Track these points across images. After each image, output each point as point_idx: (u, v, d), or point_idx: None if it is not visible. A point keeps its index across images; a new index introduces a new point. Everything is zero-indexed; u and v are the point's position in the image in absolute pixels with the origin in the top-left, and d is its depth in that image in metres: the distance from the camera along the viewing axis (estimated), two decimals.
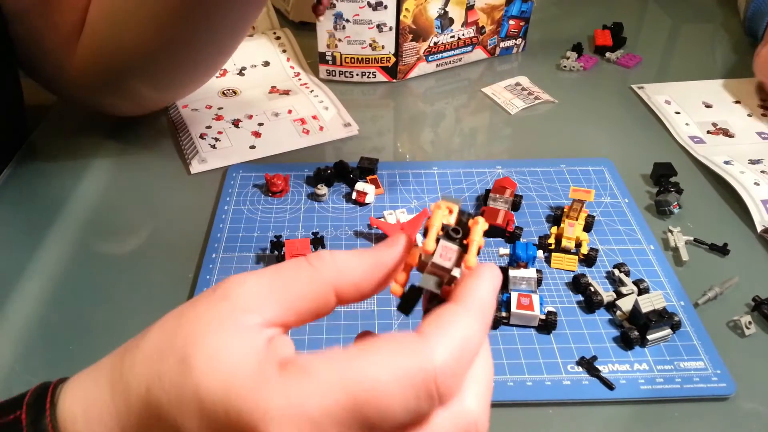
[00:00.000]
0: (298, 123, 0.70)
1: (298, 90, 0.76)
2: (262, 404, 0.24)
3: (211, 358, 0.24)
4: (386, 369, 0.24)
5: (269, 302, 0.27)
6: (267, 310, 0.26)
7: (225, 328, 0.25)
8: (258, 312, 0.26)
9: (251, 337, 0.25)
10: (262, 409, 0.23)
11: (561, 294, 0.51)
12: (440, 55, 0.78)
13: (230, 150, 0.66)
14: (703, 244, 0.55)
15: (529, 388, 0.44)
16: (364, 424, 0.24)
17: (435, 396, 0.24)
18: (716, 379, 0.44)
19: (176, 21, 0.56)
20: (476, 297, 0.27)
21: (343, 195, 0.61)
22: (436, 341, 0.25)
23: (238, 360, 0.24)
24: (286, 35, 0.86)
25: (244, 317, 0.26)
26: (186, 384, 0.24)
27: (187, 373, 0.24)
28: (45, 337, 0.48)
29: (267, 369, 0.24)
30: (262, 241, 0.55)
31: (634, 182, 0.62)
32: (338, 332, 0.48)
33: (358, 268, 0.28)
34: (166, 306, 0.50)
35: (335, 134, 0.69)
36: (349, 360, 0.24)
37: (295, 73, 0.79)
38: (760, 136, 0.68)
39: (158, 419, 0.25)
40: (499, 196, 0.57)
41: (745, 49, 0.85)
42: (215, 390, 0.24)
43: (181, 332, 0.26)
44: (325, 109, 0.72)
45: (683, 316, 0.48)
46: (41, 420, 0.27)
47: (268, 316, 0.26)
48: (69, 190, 0.62)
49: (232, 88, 0.76)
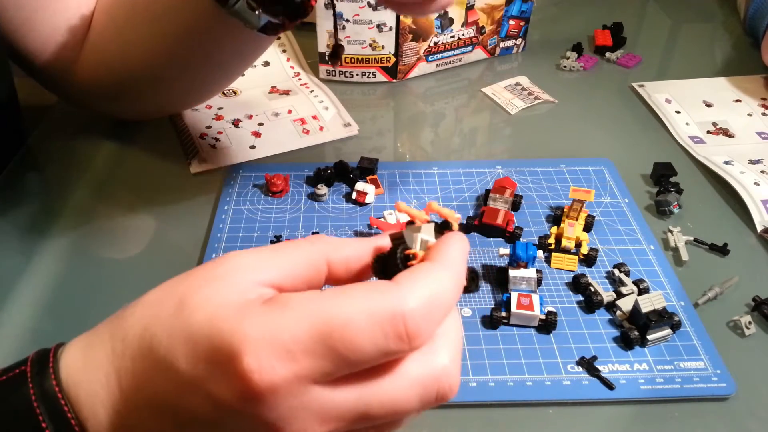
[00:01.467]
0: (298, 123, 0.70)
1: (298, 90, 0.76)
2: (241, 330, 0.26)
3: (204, 300, 0.27)
4: (358, 307, 0.26)
5: (266, 265, 0.29)
6: (263, 272, 0.29)
7: (222, 282, 0.28)
8: (254, 273, 0.29)
9: (245, 289, 0.28)
10: (241, 333, 0.26)
11: (561, 294, 0.51)
12: (440, 55, 0.78)
13: (230, 150, 0.66)
14: (703, 244, 0.55)
15: (529, 388, 0.44)
16: (333, 356, 0.26)
17: (404, 338, 0.26)
18: (716, 379, 0.44)
19: (187, 42, 0.55)
20: (448, 256, 0.29)
21: (343, 195, 0.61)
22: (408, 288, 0.27)
23: (228, 299, 0.27)
24: (286, 35, 0.86)
25: (242, 275, 0.28)
26: (178, 318, 0.27)
27: (180, 311, 0.27)
28: (43, 339, 0.47)
29: (251, 304, 0.27)
30: (262, 241, 0.55)
31: (634, 182, 0.62)
32: None
33: (350, 246, 0.31)
34: None
35: (335, 134, 0.69)
36: (325, 298, 0.27)
37: (295, 73, 0.79)
38: (760, 136, 0.68)
39: (150, 352, 0.27)
40: (499, 196, 0.57)
41: (745, 48, 0.85)
42: (202, 320, 0.27)
43: (180, 286, 0.29)
44: (326, 109, 0.72)
45: (683, 316, 0.48)
46: (45, 370, 0.29)
47: (263, 277, 0.29)
48: (68, 191, 0.62)
49: (232, 88, 0.76)
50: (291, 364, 0.25)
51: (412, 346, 0.26)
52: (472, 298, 0.50)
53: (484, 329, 0.48)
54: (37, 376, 0.29)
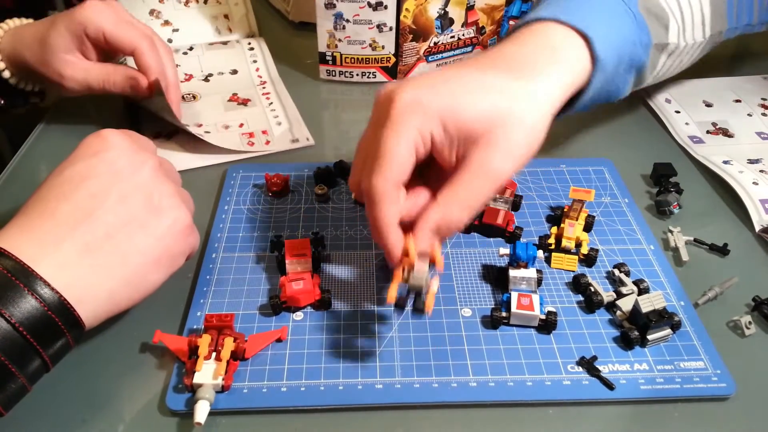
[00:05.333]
0: (245, 136, 0.69)
1: (258, 101, 0.74)
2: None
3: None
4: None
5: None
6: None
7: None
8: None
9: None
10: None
11: (561, 294, 0.51)
12: (440, 55, 0.78)
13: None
14: (703, 244, 0.55)
15: (529, 388, 0.44)
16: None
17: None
18: (716, 379, 0.44)
19: None
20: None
21: (343, 195, 0.61)
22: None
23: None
24: (260, 46, 0.84)
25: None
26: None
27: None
28: None
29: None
30: (262, 241, 0.55)
31: (634, 182, 0.62)
32: (338, 332, 0.48)
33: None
34: (165, 306, 0.50)
35: (280, 148, 0.67)
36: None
37: (261, 81, 0.78)
38: (760, 136, 0.68)
39: None
40: (499, 196, 0.57)
41: (745, 47, 0.85)
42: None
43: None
44: (278, 125, 0.71)
45: (683, 316, 0.48)
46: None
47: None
48: None
49: (192, 93, 0.75)
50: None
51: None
52: (472, 298, 0.50)
53: (484, 329, 0.48)
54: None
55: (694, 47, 0.61)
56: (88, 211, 0.41)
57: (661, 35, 0.57)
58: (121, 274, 0.42)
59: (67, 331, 0.39)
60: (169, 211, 0.44)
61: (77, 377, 0.45)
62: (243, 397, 0.43)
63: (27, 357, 0.37)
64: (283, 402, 0.43)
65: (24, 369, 0.37)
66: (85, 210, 0.41)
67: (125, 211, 0.42)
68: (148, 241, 0.43)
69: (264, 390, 0.44)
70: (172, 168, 0.50)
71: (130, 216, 0.42)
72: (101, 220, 0.41)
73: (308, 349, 0.46)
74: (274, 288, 0.51)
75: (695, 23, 0.60)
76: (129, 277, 0.42)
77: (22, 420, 0.42)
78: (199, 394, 0.42)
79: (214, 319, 0.45)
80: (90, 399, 0.44)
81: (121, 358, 0.46)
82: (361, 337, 0.47)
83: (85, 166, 0.42)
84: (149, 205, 0.43)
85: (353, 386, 0.44)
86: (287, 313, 0.49)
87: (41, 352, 0.38)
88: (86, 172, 0.42)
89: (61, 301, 0.38)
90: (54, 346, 0.39)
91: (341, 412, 0.43)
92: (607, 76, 0.51)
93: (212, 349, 0.44)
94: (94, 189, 0.41)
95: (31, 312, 0.37)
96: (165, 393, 0.43)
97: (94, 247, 0.40)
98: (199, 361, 0.43)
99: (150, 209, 0.43)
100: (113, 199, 0.42)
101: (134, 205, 0.42)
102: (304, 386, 0.44)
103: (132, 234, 0.42)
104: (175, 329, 0.48)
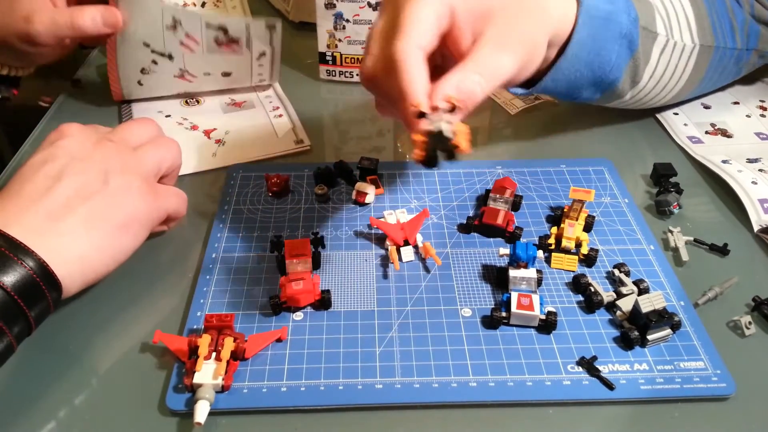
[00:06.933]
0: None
1: (258, 102, 0.74)
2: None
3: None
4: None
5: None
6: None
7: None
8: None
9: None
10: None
11: (561, 294, 0.51)
12: None
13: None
14: (703, 244, 0.55)
15: (529, 388, 0.44)
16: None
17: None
18: (716, 379, 0.44)
19: None
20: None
21: (343, 195, 0.61)
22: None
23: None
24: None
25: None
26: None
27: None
28: (42, 337, 0.47)
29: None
30: (262, 241, 0.55)
31: (634, 182, 0.62)
32: (338, 332, 0.48)
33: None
34: (166, 306, 0.50)
35: (285, 149, 0.67)
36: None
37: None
38: (759, 136, 0.68)
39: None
40: (499, 196, 0.57)
41: None
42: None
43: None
44: (281, 126, 0.70)
45: (683, 316, 0.48)
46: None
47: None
48: None
49: (196, 97, 0.75)
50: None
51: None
52: (472, 298, 0.50)
53: (484, 329, 0.48)
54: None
55: (685, 52, 0.61)
56: (47, 188, 0.46)
57: (648, 19, 0.58)
58: (87, 238, 0.45)
59: (48, 293, 0.42)
60: (118, 177, 0.48)
61: (77, 377, 0.45)
62: (243, 397, 0.43)
63: (16, 318, 0.41)
64: (283, 402, 0.43)
65: (12, 329, 0.41)
66: (45, 187, 0.46)
67: (80, 184, 0.47)
68: (104, 205, 0.47)
69: (264, 390, 0.44)
70: (136, 134, 0.54)
71: (84, 187, 0.47)
72: (58, 192, 0.45)
73: (308, 349, 0.46)
74: (274, 288, 0.51)
75: (680, 21, 0.61)
76: (97, 242, 0.46)
77: (23, 420, 0.42)
78: (199, 394, 0.42)
79: (214, 319, 0.45)
80: (90, 399, 0.44)
81: (121, 358, 0.46)
82: (361, 337, 0.47)
83: (45, 155, 0.48)
84: (101, 177, 0.48)
85: (353, 386, 0.44)
86: (287, 313, 0.49)
87: (27, 314, 0.41)
88: (45, 158, 0.48)
89: (42, 265, 0.42)
90: (37, 307, 0.42)
91: (341, 412, 0.43)
92: (591, 32, 0.53)
93: (212, 349, 0.44)
94: (52, 171, 0.47)
95: (19, 277, 0.41)
96: (165, 393, 0.43)
97: (56, 215, 0.45)
98: (199, 361, 0.43)
99: (103, 180, 0.47)
100: (68, 176, 0.46)
101: (88, 179, 0.47)
102: (304, 386, 0.44)
103: (88, 201, 0.46)
104: (175, 329, 0.48)
